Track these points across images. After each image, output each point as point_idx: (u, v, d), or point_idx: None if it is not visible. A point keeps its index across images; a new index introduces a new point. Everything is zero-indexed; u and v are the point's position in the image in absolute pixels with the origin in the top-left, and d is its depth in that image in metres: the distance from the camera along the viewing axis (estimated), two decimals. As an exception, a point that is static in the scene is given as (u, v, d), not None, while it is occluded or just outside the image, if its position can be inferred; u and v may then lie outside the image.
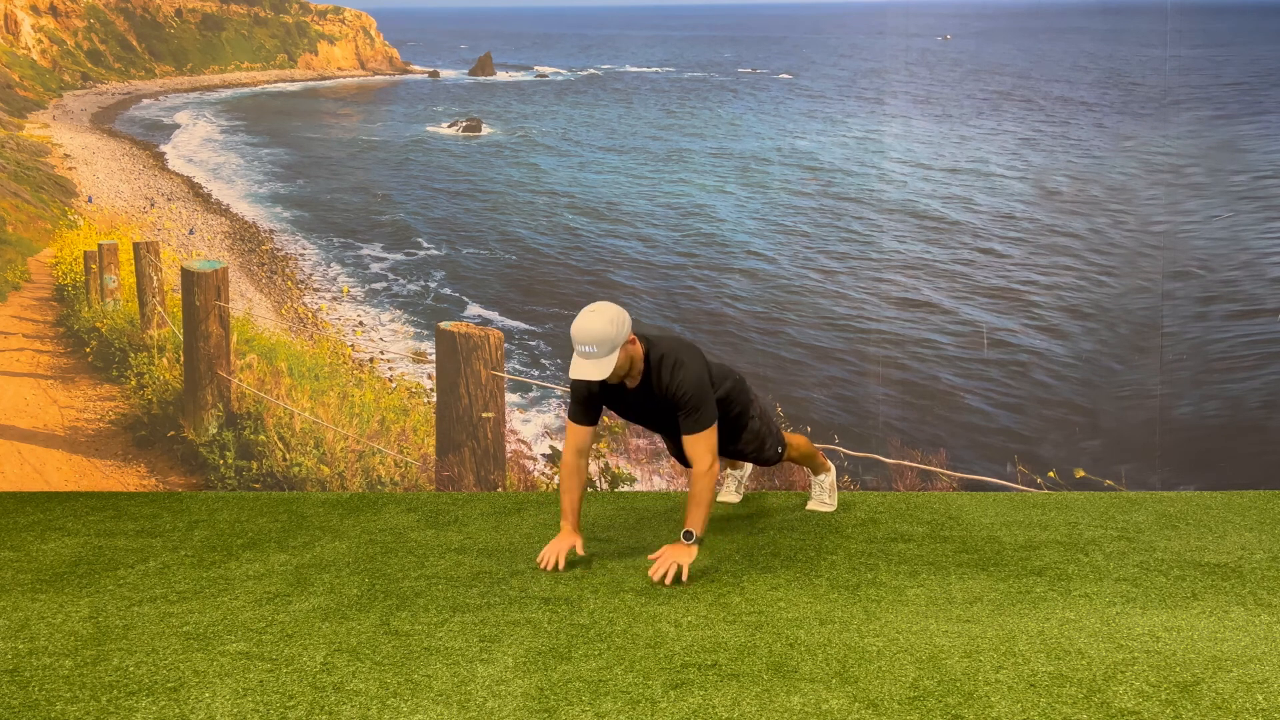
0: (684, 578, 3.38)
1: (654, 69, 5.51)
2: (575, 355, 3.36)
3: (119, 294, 5.14)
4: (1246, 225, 4.80)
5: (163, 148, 5.36)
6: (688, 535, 3.44)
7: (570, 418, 3.62)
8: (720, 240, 5.04)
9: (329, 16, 5.62)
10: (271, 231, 5.20)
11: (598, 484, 4.90)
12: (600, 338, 3.29)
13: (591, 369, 3.33)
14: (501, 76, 5.57)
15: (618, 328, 3.32)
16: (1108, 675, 2.65)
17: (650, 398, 3.54)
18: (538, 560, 3.59)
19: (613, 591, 3.34)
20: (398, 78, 5.61)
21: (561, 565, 3.54)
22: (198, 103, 5.41)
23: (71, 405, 5.10)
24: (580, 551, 3.59)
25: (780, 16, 5.66)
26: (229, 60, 5.41)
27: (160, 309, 5.13)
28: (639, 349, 3.47)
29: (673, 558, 3.41)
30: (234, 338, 5.08)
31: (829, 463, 4.38)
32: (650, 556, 3.46)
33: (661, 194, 5.13)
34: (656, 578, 3.37)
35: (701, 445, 3.46)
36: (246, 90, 5.45)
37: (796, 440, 4.16)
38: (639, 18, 5.96)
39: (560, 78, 5.58)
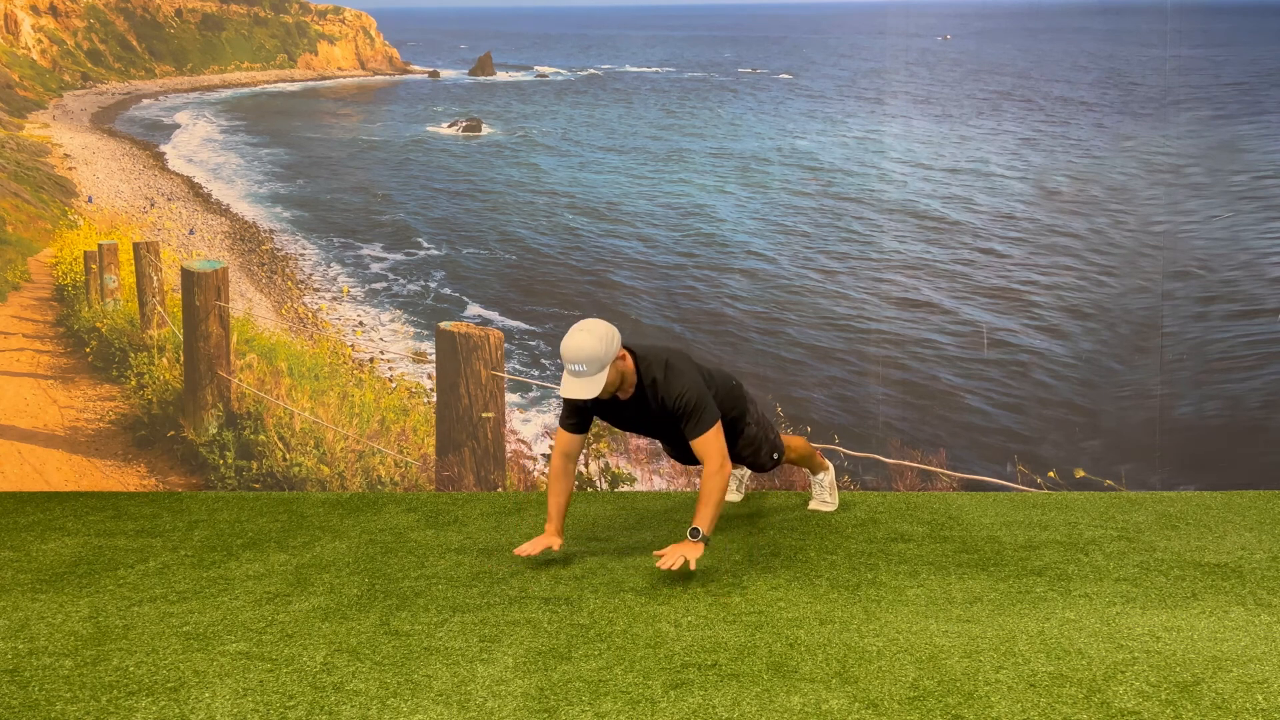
0: (691, 566, 3.37)
1: (654, 69, 5.51)
2: (565, 373, 3.36)
3: (119, 294, 5.14)
4: (1246, 225, 4.80)
5: (163, 148, 5.36)
6: (694, 533, 3.43)
7: (561, 425, 3.64)
8: (720, 240, 5.04)
9: (329, 16, 5.62)
10: (271, 231, 5.20)
11: (598, 484, 4.90)
12: (590, 356, 3.29)
13: (581, 388, 3.33)
14: (501, 76, 5.57)
15: (607, 345, 3.32)
16: (1108, 675, 2.65)
17: (645, 409, 3.55)
18: (516, 550, 3.61)
19: (613, 591, 3.34)
20: (398, 78, 5.61)
21: (535, 553, 3.58)
22: (198, 103, 5.41)
23: (71, 405, 5.09)
24: (556, 549, 3.62)
25: (780, 16, 5.65)
26: (229, 60, 5.41)
27: (160, 309, 5.13)
28: (629, 363, 3.47)
29: (680, 552, 3.41)
30: (234, 338, 5.07)
31: (827, 462, 4.39)
32: (656, 553, 3.46)
33: (661, 194, 5.13)
34: (664, 566, 3.36)
35: (710, 446, 3.47)
36: (246, 90, 5.45)
37: (794, 442, 4.18)
38: (639, 18, 5.96)
39: (560, 78, 5.58)
